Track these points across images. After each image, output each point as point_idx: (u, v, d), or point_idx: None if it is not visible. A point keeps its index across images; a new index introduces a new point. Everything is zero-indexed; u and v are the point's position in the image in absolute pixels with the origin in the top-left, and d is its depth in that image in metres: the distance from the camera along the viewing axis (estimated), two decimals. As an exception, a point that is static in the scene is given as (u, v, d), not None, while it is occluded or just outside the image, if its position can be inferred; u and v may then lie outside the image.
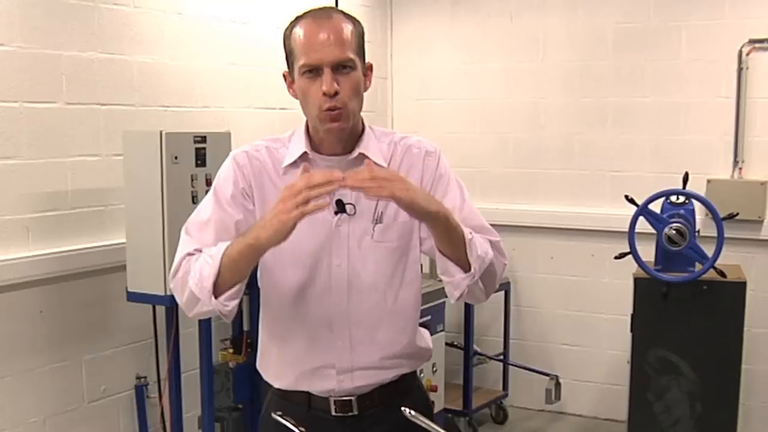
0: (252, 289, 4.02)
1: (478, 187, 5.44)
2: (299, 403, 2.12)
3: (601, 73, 5.11)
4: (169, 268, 3.31)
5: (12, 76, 3.38)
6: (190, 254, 2.03)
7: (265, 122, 4.56)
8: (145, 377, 3.96)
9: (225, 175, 2.08)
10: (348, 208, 2.06)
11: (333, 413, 2.11)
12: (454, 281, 1.99)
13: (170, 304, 3.49)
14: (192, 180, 3.50)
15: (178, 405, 3.71)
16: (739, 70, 4.75)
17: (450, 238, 1.95)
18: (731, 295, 4.00)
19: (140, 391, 3.94)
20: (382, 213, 2.07)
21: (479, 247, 1.98)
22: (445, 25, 5.51)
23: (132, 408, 3.94)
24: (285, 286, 2.07)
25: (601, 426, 5.22)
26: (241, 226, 2.01)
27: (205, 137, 3.55)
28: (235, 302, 1.98)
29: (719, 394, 4.04)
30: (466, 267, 1.97)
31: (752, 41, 4.71)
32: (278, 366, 2.14)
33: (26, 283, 3.45)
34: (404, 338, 2.13)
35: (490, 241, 2.06)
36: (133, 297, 3.52)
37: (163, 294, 3.42)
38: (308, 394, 2.12)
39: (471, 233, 1.98)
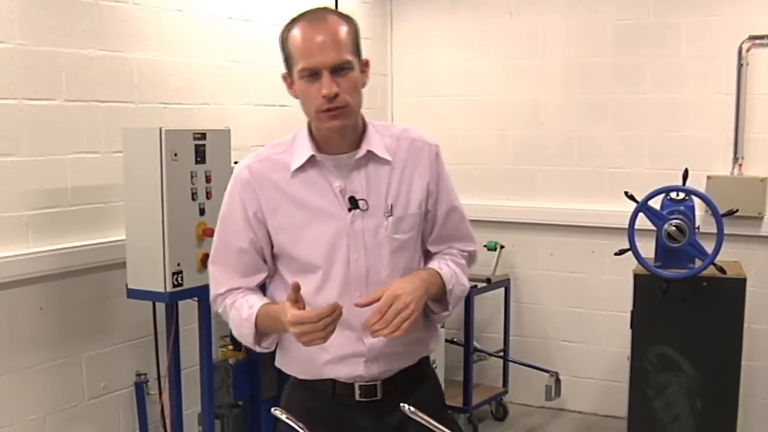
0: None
1: (478, 184, 5.45)
2: (323, 391, 2.18)
3: (601, 69, 5.10)
4: (169, 265, 3.41)
5: (11, 73, 3.38)
6: (221, 294, 2.21)
7: (265, 119, 4.56)
8: (145, 374, 3.96)
9: (231, 201, 2.17)
10: (361, 203, 2.10)
11: (357, 399, 2.16)
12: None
13: (170, 301, 3.49)
14: (191, 177, 3.49)
15: (178, 402, 3.71)
16: (739, 66, 4.74)
17: (435, 296, 2.16)
18: (731, 291, 4.00)
19: (140, 388, 3.94)
20: (392, 205, 2.13)
21: (457, 288, 2.20)
22: (444, 21, 5.50)
23: (132, 405, 3.94)
24: (307, 286, 2.09)
25: (601, 423, 5.23)
26: (257, 243, 2.15)
27: (204, 134, 3.55)
28: (275, 342, 2.19)
29: (719, 391, 4.04)
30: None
31: (752, 37, 4.70)
32: (302, 359, 2.17)
33: (26, 281, 3.45)
34: (420, 322, 2.17)
35: (468, 253, 2.29)
36: (133, 294, 3.52)
37: (162, 291, 3.42)
38: (333, 381, 2.16)
39: (452, 279, 2.17)
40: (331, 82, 1.98)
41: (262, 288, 2.23)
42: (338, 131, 2.06)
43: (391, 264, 2.13)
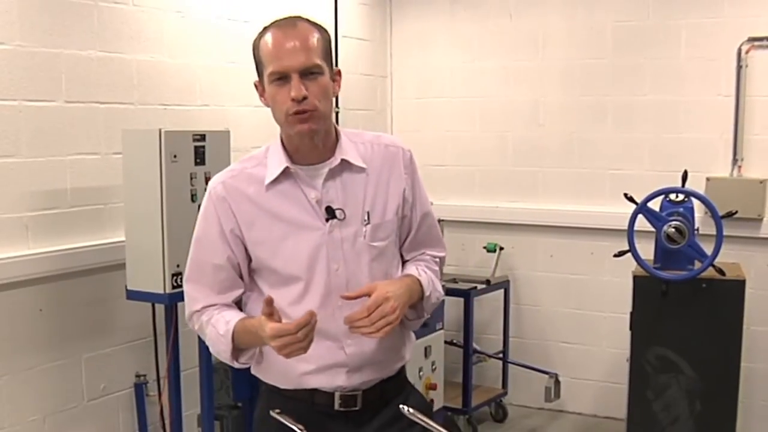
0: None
1: (478, 186, 5.45)
2: (301, 399, 2.15)
3: (601, 71, 5.11)
4: (169, 267, 3.43)
5: (11, 74, 3.38)
6: (197, 311, 2.18)
7: (264, 121, 4.52)
8: (144, 375, 3.96)
9: (207, 217, 2.16)
10: (338, 213, 2.09)
11: (336, 408, 2.14)
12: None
13: (169, 302, 3.49)
14: (191, 178, 3.50)
15: (178, 403, 3.71)
16: (738, 68, 4.74)
17: (413, 303, 2.16)
18: (730, 293, 4.00)
19: (140, 390, 3.94)
20: (369, 213, 2.13)
21: (434, 295, 2.20)
22: (444, 23, 5.51)
23: (131, 406, 3.95)
24: (286, 298, 2.09)
25: (601, 424, 5.23)
26: (233, 260, 2.14)
27: (204, 135, 3.55)
28: (253, 358, 2.19)
29: (718, 392, 4.04)
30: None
31: (751, 39, 4.70)
32: (283, 369, 2.15)
33: (26, 282, 3.45)
34: (398, 329, 2.16)
35: (440, 258, 2.30)
36: (133, 295, 3.52)
37: (162, 292, 3.43)
38: (312, 390, 2.15)
39: (429, 286, 2.18)
40: (299, 84, 1.99)
41: (238, 304, 2.21)
42: (309, 138, 2.06)
43: (371, 272, 2.12)
